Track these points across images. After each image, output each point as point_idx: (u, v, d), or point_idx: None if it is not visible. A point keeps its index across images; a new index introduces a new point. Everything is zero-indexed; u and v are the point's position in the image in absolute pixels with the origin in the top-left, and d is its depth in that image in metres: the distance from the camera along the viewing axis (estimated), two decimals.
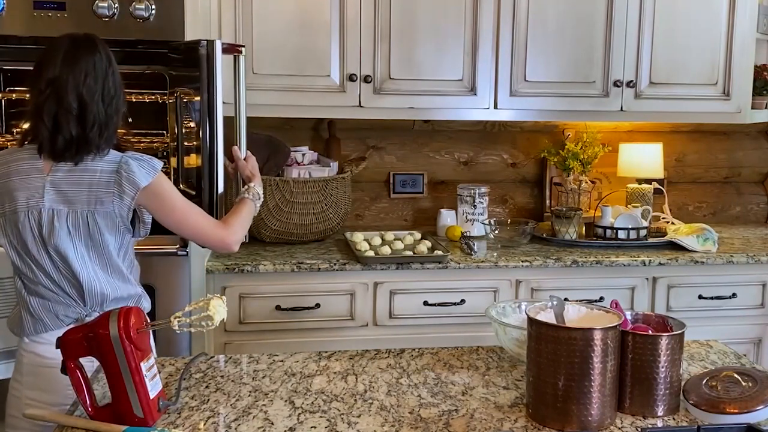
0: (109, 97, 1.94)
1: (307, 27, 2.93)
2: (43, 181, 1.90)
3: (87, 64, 1.92)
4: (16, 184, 1.91)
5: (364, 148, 3.43)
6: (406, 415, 1.48)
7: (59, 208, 1.90)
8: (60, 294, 1.93)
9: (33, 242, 1.92)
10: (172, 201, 1.99)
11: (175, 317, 1.48)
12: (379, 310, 2.81)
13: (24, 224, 1.91)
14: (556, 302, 1.53)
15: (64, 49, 1.95)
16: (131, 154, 1.96)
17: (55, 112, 1.90)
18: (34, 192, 1.90)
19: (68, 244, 1.91)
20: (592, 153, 3.31)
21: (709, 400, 1.47)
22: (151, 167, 1.95)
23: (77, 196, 1.90)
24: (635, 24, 3.12)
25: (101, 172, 1.90)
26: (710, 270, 2.97)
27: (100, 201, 1.90)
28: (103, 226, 1.92)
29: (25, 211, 1.90)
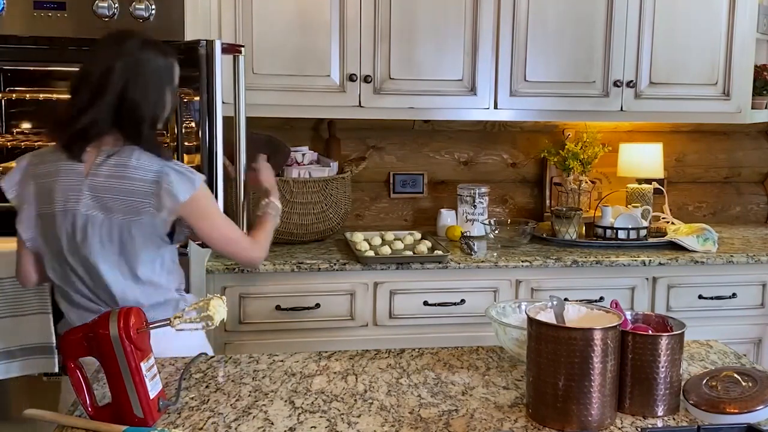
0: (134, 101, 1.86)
1: (307, 27, 2.93)
2: (81, 184, 1.86)
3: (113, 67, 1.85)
4: (56, 184, 1.87)
5: (364, 148, 3.43)
6: (406, 415, 1.48)
7: (94, 214, 1.85)
8: (97, 302, 1.92)
9: (67, 247, 1.89)
10: (212, 217, 1.96)
11: (175, 317, 1.48)
12: (379, 310, 2.81)
13: (60, 227, 1.88)
14: (556, 302, 1.53)
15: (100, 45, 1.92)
16: (173, 164, 1.89)
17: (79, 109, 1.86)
18: (72, 195, 1.86)
19: (99, 253, 1.87)
20: (592, 153, 3.31)
21: (709, 400, 1.47)
22: (191, 181, 1.88)
23: (114, 203, 1.84)
24: (635, 24, 3.12)
25: (141, 182, 1.84)
26: (710, 270, 2.97)
27: (136, 211, 1.84)
28: (138, 236, 1.87)
29: (62, 213, 1.86)
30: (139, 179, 1.84)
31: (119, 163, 1.85)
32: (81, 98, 1.86)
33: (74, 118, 1.86)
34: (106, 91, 1.84)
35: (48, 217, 1.88)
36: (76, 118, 1.86)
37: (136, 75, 1.86)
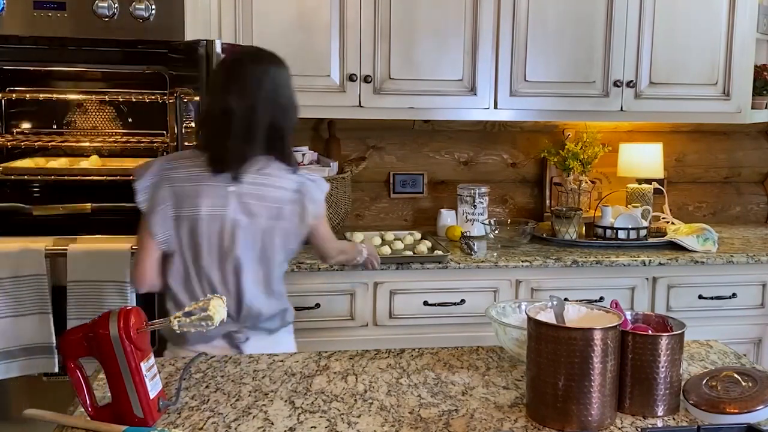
0: (267, 109, 1.95)
1: (307, 27, 2.93)
2: (227, 190, 1.94)
3: (255, 77, 1.95)
4: (201, 189, 1.94)
5: (364, 148, 3.43)
6: (406, 415, 1.48)
7: (240, 219, 1.94)
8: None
9: (208, 251, 1.95)
10: (326, 221, 2.15)
11: (175, 317, 1.48)
12: (379, 310, 2.81)
13: (203, 232, 1.94)
14: (556, 302, 1.53)
15: (224, 64, 2.03)
16: (305, 173, 2.05)
17: (210, 127, 1.97)
18: (219, 200, 1.94)
19: (246, 256, 1.95)
20: (592, 153, 3.31)
21: (709, 400, 1.47)
22: (322, 191, 2.06)
23: (259, 209, 1.95)
24: (635, 24, 3.12)
25: (284, 190, 1.97)
26: (710, 270, 2.97)
27: (281, 217, 1.97)
28: (278, 241, 1.99)
29: (208, 218, 1.93)
30: (283, 187, 1.97)
31: (263, 172, 1.97)
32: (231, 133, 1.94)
33: (221, 149, 1.95)
34: (253, 126, 1.94)
35: (190, 220, 1.94)
36: (234, 148, 1.94)
37: (275, 106, 1.98)
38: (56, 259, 2.54)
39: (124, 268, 2.51)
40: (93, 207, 2.73)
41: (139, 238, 2.01)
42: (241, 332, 2.02)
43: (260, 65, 2.00)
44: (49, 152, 3.01)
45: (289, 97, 2.03)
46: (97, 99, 3.00)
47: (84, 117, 3.06)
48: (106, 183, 2.83)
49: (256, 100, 1.94)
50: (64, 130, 3.03)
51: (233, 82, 1.96)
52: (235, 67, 2.00)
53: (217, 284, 1.98)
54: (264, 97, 1.95)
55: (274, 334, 2.09)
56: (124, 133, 3.07)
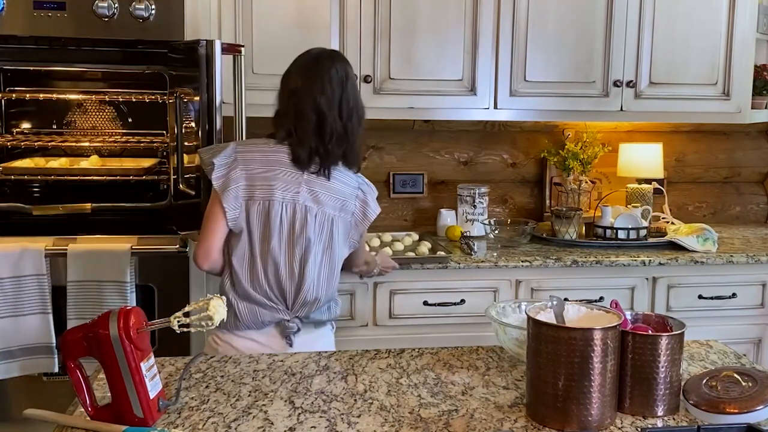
0: (347, 110, 2.06)
1: (307, 27, 2.93)
2: (300, 178, 2.04)
3: (324, 77, 2.04)
4: (274, 174, 2.03)
5: (364, 148, 3.43)
6: (406, 415, 1.48)
7: (311, 205, 2.04)
8: (267, 298, 2.05)
9: (279, 234, 2.03)
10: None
11: (175, 317, 1.48)
12: (379, 310, 2.81)
13: (275, 215, 2.02)
14: (556, 302, 1.53)
15: (306, 61, 2.10)
16: (362, 177, 2.18)
17: (294, 123, 2.05)
18: (291, 186, 2.04)
19: (315, 241, 2.04)
20: (592, 153, 3.31)
21: (709, 400, 1.47)
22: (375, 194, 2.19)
23: (327, 199, 2.05)
24: (635, 24, 3.12)
25: (347, 185, 2.09)
26: (710, 270, 2.96)
27: (345, 209, 2.07)
28: (341, 232, 2.08)
29: (281, 202, 2.02)
30: (346, 183, 2.10)
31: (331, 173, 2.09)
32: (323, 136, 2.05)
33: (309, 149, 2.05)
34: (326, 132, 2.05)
35: (263, 202, 2.02)
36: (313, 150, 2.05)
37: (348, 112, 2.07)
38: (56, 259, 2.54)
39: (124, 268, 2.51)
40: (93, 207, 2.74)
41: (207, 215, 2.07)
42: (293, 322, 2.08)
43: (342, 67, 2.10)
44: (49, 152, 3.01)
45: (362, 105, 2.15)
46: (97, 99, 3.00)
47: (84, 117, 3.07)
48: (106, 183, 2.83)
49: (340, 103, 2.06)
50: (64, 130, 3.03)
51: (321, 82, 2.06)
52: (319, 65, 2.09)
53: (281, 267, 2.04)
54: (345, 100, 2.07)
55: (320, 329, 2.17)
56: (124, 133, 3.07)
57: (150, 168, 2.91)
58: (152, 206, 2.86)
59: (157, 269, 2.63)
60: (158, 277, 2.63)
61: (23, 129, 3.04)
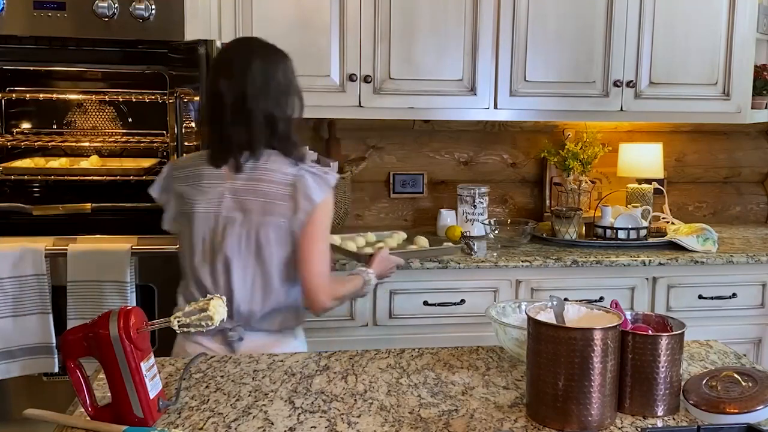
0: (264, 91, 1.93)
1: (307, 27, 2.93)
2: (223, 188, 1.94)
3: (233, 63, 1.94)
4: (198, 188, 1.96)
5: (364, 148, 3.43)
6: (406, 415, 1.48)
7: (234, 216, 1.93)
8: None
9: (201, 251, 1.96)
10: (319, 233, 1.95)
11: (174, 317, 1.48)
12: (379, 310, 2.81)
13: (197, 230, 1.96)
14: (556, 302, 1.53)
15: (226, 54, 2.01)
16: (308, 166, 1.98)
17: (220, 118, 1.95)
18: (214, 198, 1.94)
19: (235, 254, 1.93)
20: (592, 153, 3.31)
21: (709, 400, 1.47)
22: (326, 184, 1.95)
23: (253, 205, 1.92)
24: (635, 24, 3.12)
25: (278, 184, 1.92)
26: (710, 270, 2.96)
27: (272, 213, 1.92)
28: (273, 238, 1.93)
29: (203, 216, 1.94)
30: (277, 182, 1.92)
31: (259, 167, 1.94)
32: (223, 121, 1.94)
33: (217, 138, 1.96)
34: (244, 113, 1.92)
35: (188, 218, 1.97)
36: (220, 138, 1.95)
37: (266, 92, 1.94)
38: (56, 259, 2.54)
39: (124, 268, 2.51)
40: (93, 207, 2.73)
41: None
42: (235, 331, 1.99)
43: (248, 51, 1.98)
44: (49, 152, 3.01)
45: (284, 86, 1.98)
46: (97, 99, 3.01)
47: (84, 117, 3.07)
48: (106, 183, 2.83)
49: (245, 85, 1.92)
50: (64, 130, 3.04)
51: (223, 67, 1.97)
52: (225, 53, 2.02)
53: (207, 283, 1.97)
54: (254, 84, 1.93)
55: (275, 336, 2.05)
56: (124, 133, 3.07)
57: (150, 168, 2.91)
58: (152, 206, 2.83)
59: (157, 269, 2.63)
60: (158, 277, 2.63)
61: (23, 129, 3.04)
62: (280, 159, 1.96)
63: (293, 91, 2.01)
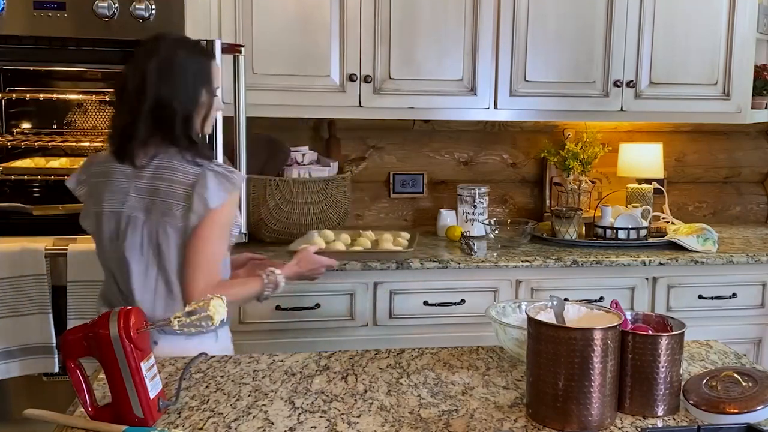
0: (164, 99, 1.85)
1: (307, 27, 2.93)
2: (128, 186, 1.88)
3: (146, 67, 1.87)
4: (105, 186, 1.92)
5: (364, 148, 3.43)
6: (406, 415, 1.48)
7: (136, 215, 1.87)
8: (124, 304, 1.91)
9: (106, 249, 1.93)
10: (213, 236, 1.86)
11: (175, 317, 1.48)
12: (379, 310, 2.81)
13: (104, 228, 1.91)
14: (556, 302, 1.53)
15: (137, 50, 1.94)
16: (215, 165, 1.88)
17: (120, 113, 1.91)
18: (119, 196, 1.89)
19: (135, 256, 1.87)
20: (592, 153, 3.31)
21: (709, 400, 1.47)
22: (229, 184, 1.85)
23: (154, 204, 1.86)
24: (635, 24, 3.12)
25: (179, 184, 1.84)
26: (710, 270, 2.96)
27: (172, 214, 1.84)
28: (173, 241, 1.86)
29: (108, 214, 1.90)
30: (178, 181, 1.85)
31: (161, 165, 1.87)
32: (123, 105, 1.90)
33: (118, 124, 1.91)
34: (143, 94, 1.85)
35: (97, 216, 1.93)
36: (120, 123, 1.90)
37: (167, 74, 1.86)
38: (56, 259, 2.54)
39: None
40: None
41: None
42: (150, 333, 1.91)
43: (162, 40, 1.92)
44: (49, 152, 3.01)
45: (191, 82, 1.89)
46: (97, 99, 3.01)
47: (84, 117, 3.07)
48: None
49: (145, 72, 1.85)
50: (64, 130, 3.04)
51: (133, 54, 1.91)
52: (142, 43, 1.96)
53: (111, 283, 1.93)
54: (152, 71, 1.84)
55: (194, 338, 1.87)
56: None
57: None
58: None
59: None
60: None
61: (23, 129, 3.04)
62: (186, 157, 1.87)
63: (198, 89, 1.91)
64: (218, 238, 1.88)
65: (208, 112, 1.96)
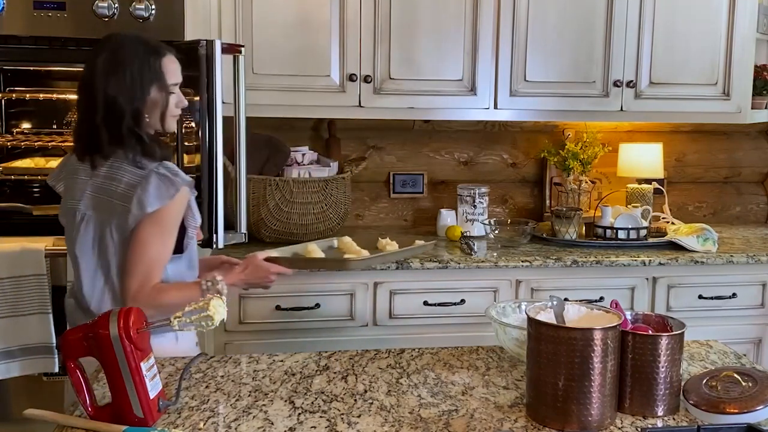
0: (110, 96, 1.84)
1: (307, 27, 2.93)
2: (86, 185, 1.89)
3: (95, 63, 1.88)
4: (73, 182, 1.94)
5: (364, 148, 3.43)
6: (406, 415, 1.48)
7: (89, 213, 1.88)
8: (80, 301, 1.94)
9: (66, 242, 1.96)
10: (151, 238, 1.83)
11: (175, 317, 1.48)
12: (379, 310, 2.81)
13: (66, 224, 1.95)
14: (556, 302, 1.53)
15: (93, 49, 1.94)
16: (161, 167, 1.84)
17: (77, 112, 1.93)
18: (79, 193, 1.91)
19: (85, 255, 1.88)
20: (592, 153, 3.31)
21: (709, 400, 1.47)
22: (173, 187, 1.82)
23: (103, 203, 1.86)
24: (635, 24, 3.12)
25: (125, 184, 1.83)
26: (710, 270, 2.96)
27: (116, 213, 1.84)
28: (117, 240, 1.85)
29: (68, 212, 1.93)
30: (125, 182, 1.84)
31: (114, 165, 1.87)
32: (79, 104, 1.92)
33: (76, 124, 1.94)
34: (92, 92, 1.86)
35: (62, 212, 1.97)
36: (77, 123, 1.93)
37: (113, 71, 1.85)
38: (56, 259, 2.54)
39: None
40: None
41: None
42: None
43: (105, 38, 1.92)
44: (49, 152, 3.00)
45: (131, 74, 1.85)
46: None
47: None
48: None
49: (93, 70, 1.86)
50: (64, 130, 3.03)
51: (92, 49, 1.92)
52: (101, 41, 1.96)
53: (74, 279, 1.94)
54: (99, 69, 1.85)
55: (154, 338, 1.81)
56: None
57: None
58: None
59: None
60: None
61: (23, 129, 3.04)
62: (138, 157, 1.86)
63: (146, 86, 1.87)
64: (157, 241, 1.84)
65: (165, 109, 1.91)
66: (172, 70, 1.94)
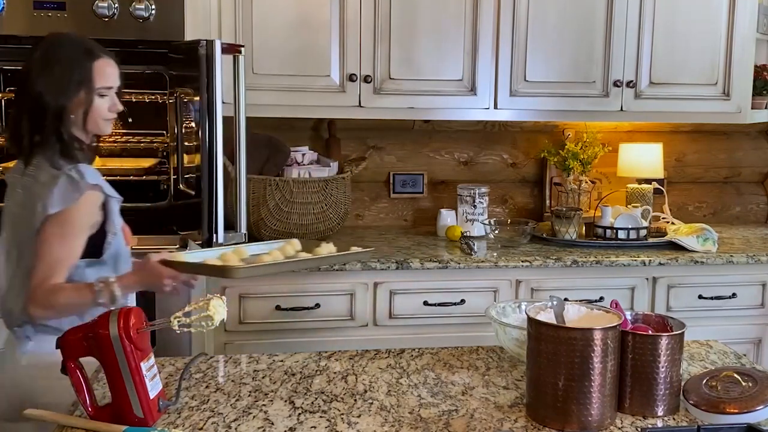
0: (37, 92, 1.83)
1: (307, 27, 2.93)
2: (16, 183, 1.91)
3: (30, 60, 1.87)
4: (9, 181, 1.95)
5: (364, 148, 3.43)
6: (406, 415, 1.48)
7: (12, 211, 1.90)
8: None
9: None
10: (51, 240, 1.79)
11: (175, 317, 1.48)
12: (379, 310, 2.81)
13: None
14: (556, 302, 1.53)
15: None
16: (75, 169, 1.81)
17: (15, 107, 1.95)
18: (9, 191, 1.93)
19: (4, 248, 1.90)
20: (592, 153, 3.31)
21: (709, 400, 1.47)
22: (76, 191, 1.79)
23: (25, 203, 1.85)
24: (635, 24, 3.12)
25: (40, 184, 1.81)
26: (710, 270, 2.96)
27: (30, 212, 1.82)
28: (29, 238, 1.82)
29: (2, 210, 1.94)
30: (40, 181, 1.82)
31: (38, 163, 1.85)
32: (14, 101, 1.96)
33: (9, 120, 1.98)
34: (24, 90, 1.87)
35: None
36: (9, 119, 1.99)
37: (44, 69, 1.85)
38: None
39: None
40: None
41: None
42: (22, 328, 1.87)
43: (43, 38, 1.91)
44: None
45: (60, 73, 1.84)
46: None
47: None
48: None
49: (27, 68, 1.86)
50: None
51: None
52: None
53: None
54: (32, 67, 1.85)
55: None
56: (124, 133, 3.07)
57: (150, 168, 2.91)
58: (152, 206, 2.86)
59: None
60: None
61: None
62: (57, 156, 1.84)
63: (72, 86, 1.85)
64: (58, 242, 1.79)
65: (88, 109, 1.87)
66: (107, 72, 1.90)
